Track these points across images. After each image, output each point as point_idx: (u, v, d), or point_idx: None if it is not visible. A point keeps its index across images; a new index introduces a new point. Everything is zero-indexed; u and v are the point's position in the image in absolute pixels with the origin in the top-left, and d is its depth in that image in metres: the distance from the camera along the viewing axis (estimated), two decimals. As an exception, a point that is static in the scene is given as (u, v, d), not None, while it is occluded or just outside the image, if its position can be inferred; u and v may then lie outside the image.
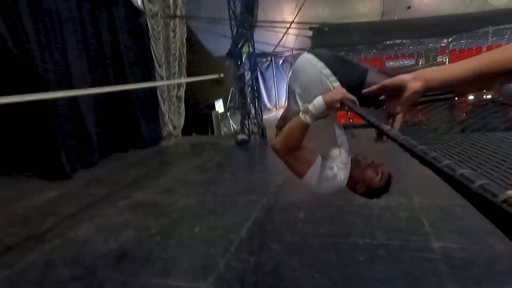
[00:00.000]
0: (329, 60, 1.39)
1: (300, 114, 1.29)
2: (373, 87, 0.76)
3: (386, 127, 0.69)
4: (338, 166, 1.43)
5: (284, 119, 1.54)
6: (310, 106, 1.25)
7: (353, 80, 1.33)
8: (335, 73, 1.36)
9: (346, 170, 1.45)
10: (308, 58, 1.42)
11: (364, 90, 0.76)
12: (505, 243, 2.41)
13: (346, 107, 1.19)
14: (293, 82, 1.47)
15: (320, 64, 1.38)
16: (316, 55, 1.41)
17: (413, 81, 0.69)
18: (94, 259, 2.89)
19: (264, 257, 2.77)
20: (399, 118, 0.76)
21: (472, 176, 0.36)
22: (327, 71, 1.37)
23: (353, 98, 1.17)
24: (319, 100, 1.24)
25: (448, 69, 0.67)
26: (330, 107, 1.22)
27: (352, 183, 1.48)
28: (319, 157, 1.40)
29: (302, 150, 1.39)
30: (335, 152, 1.47)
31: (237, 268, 2.65)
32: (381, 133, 0.77)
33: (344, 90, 1.21)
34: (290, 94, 1.50)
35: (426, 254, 2.62)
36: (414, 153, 0.51)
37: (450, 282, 2.29)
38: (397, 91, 0.72)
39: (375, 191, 1.51)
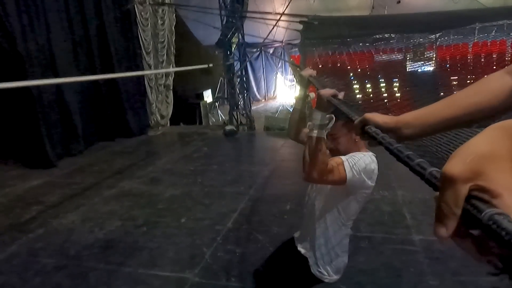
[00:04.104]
0: None
1: (309, 134, 1.30)
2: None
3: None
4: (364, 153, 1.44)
5: None
6: (314, 122, 1.27)
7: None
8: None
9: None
10: None
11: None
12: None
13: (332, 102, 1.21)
14: None
15: None
16: None
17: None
18: (79, 249, 2.88)
19: (250, 248, 2.81)
20: None
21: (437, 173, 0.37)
22: None
23: (332, 91, 1.20)
24: (314, 112, 1.27)
25: (423, 124, 0.66)
26: (325, 109, 1.24)
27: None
28: (342, 157, 1.40)
29: (329, 162, 1.37)
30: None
31: (224, 258, 2.68)
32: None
33: (321, 91, 1.23)
34: None
35: (407, 246, 2.70)
36: (390, 150, 0.53)
37: (429, 273, 2.37)
38: None
39: None
